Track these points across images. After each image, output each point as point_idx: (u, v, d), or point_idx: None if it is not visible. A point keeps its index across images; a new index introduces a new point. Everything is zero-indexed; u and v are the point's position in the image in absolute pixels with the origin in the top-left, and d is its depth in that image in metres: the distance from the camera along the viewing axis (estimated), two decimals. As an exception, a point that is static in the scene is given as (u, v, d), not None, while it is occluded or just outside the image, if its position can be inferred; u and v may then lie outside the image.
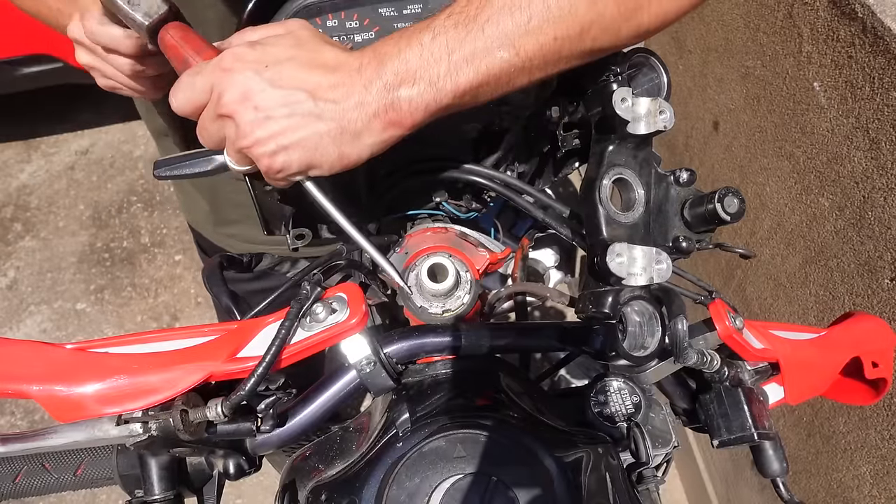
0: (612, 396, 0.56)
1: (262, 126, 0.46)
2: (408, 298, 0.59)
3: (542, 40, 0.47)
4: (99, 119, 2.80)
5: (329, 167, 0.48)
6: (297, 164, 0.48)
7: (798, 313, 1.17)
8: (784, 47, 1.10)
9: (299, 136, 0.46)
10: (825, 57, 1.00)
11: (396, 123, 0.47)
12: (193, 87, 0.48)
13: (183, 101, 0.48)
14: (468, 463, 0.46)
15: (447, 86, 0.46)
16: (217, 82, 0.46)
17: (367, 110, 0.46)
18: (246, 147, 0.47)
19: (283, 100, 0.46)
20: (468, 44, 0.46)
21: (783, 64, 1.11)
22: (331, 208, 0.52)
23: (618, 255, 0.46)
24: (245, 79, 0.46)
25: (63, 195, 2.60)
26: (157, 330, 0.49)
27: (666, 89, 0.60)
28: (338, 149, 0.47)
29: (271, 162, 0.47)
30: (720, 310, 0.53)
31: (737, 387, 0.56)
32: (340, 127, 0.46)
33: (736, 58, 1.26)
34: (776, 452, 0.57)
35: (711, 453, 1.63)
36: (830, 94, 1.00)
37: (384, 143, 0.48)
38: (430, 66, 0.46)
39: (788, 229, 1.16)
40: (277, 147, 0.47)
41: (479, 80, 0.47)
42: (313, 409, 0.51)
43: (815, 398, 0.65)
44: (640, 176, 0.52)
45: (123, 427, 0.43)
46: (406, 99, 0.46)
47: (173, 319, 2.25)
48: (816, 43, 1.01)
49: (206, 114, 0.48)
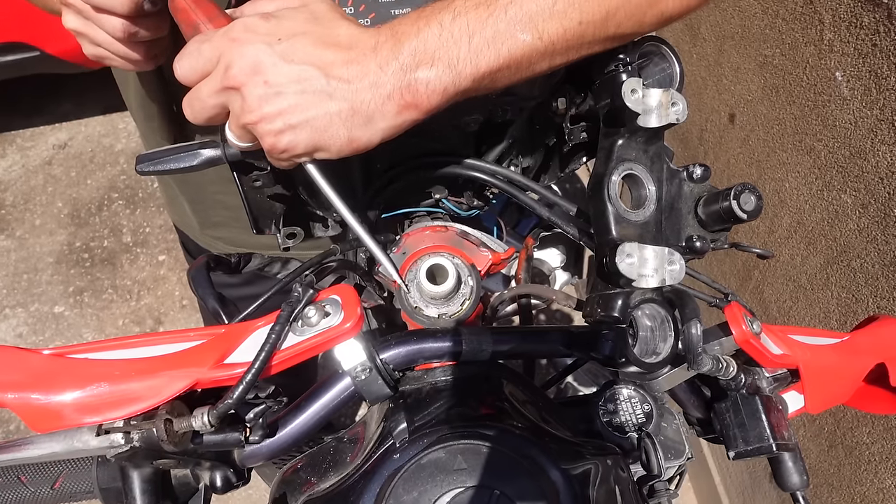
0: (621, 405, 0.56)
1: (271, 102, 0.46)
2: (406, 301, 0.59)
3: (566, 24, 0.48)
4: (78, 111, 2.80)
5: (337, 150, 0.48)
6: (303, 144, 0.48)
7: (819, 317, 1.17)
8: (804, 35, 1.10)
9: (309, 115, 0.46)
10: (848, 45, 1.00)
11: (412, 106, 0.47)
12: (200, 54, 0.47)
13: (188, 69, 0.48)
14: (469, 475, 0.46)
15: (466, 69, 0.46)
16: (225, 52, 0.46)
17: (381, 91, 0.46)
18: (251, 123, 0.47)
19: (295, 75, 0.46)
20: (490, 26, 0.46)
21: (803, 52, 1.11)
22: (330, 192, 0.52)
23: (628, 256, 0.46)
24: (256, 51, 0.46)
25: (40, 191, 2.60)
26: (140, 334, 0.49)
27: (678, 80, 0.60)
28: (348, 131, 0.47)
29: (276, 140, 0.47)
30: (736, 313, 0.53)
31: (754, 395, 0.56)
32: (352, 108, 0.46)
33: (753, 46, 1.26)
34: (796, 464, 0.57)
35: (727, 465, 1.63)
36: (853, 84, 1.00)
37: (397, 128, 0.48)
38: (450, 47, 0.46)
39: (809, 228, 1.16)
40: (285, 125, 0.47)
41: (500, 63, 0.47)
42: (305, 418, 0.51)
43: (837, 407, 0.65)
44: (652, 172, 0.52)
45: (104, 437, 0.43)
46: (423, 81, 0.46)
47: (157, 323, 2.25)
48: (839, 30, 1.01)
49: (209, 85, 0.48)
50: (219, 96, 0.48)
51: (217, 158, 0.57)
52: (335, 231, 0.74)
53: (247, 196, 0.63)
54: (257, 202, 0.64)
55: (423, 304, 0.59)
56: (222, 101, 0.48)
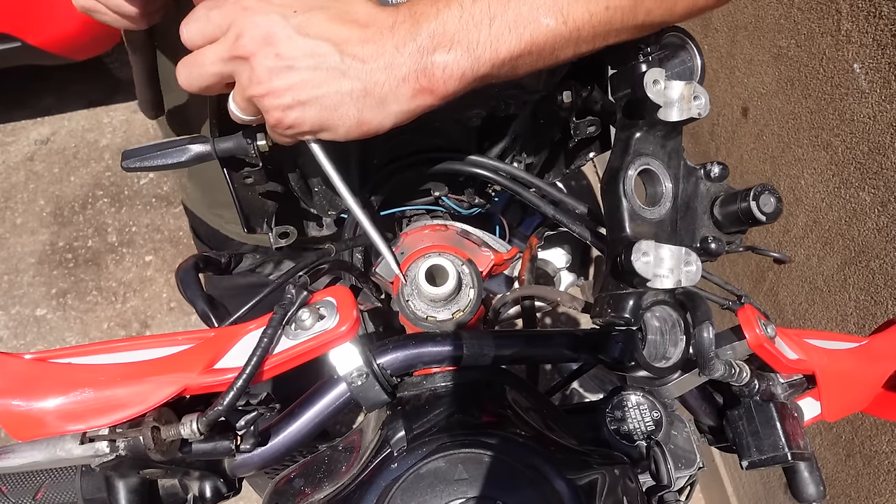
0: (630, 412, 0.56)
1: (282, 75, 0.46)
2: (404, 303, 0.59)
3: (592, 8, 0.47)
4: (61, 105, 2.80)
5: (345, 132, 0.49)
6: (310, 122, 0.48)
7: (836, 320, 1.17)
8: (821, 25, 1.10)
9: (320, 93, 0.46)
10: (866, 36, 1.00)
11: (427, 91, 0.47)
12: (209, 20, 0.47)
13: (195, 34, 0.48)
14: (470, 486, 0.46)
15: (486, 53, 0.46)
16: (237, 20, 0.46)
17: (396, 73, 0.46)
18: (258, 95, 0.47)
19: (308, 50, 0.46)
20: (512, 8, 0.46)
21: (820, 43, 1.11)
22: (331, 171, 0.52)
23: (644, 254, 0.46)
24: (269, 21, 0.46)
25: (21, 189, 2.60)
26: (126, 338, 0.49)
27: (700, 73, 0.60)
28: (359, 112, 0.47)
29: (283, 116, 0.48)
30: (750, 316, 0.53)
31: (768, 402, 0.56)
32: (365, 89, 0.46)
33: (767, 36, 1.26)
34: (812, 475, 0.57)
35: (740, 475, 1.63)
36: (872, 76, 1.00)
37: (410, 113, 0.48)
38: (470, 30, 0.46)
39: (825, 227, 1.16)
40: (293, 101, 0.47)
41: (521, 49, 0.47)
42: (299, 426, 0.51)
43: (854, 414, 0.65)
44: (669, 168, 0.52)
45: (88, 446, 0.43)
46: (441, 65, 0.46)
47: (143, 327, 2.25)
48: (856, 20, 1.01)
49: (214, 51, 0.47)
50: (224, 65, 0.47)
51: (206, 154, 0.57)
52: (330, 230, 0.74)
53: (237, 193, 0.63)
54: (248, 200, 0.64)
55: (422, 306, 0.59)
56: (227, 70, 0.48)
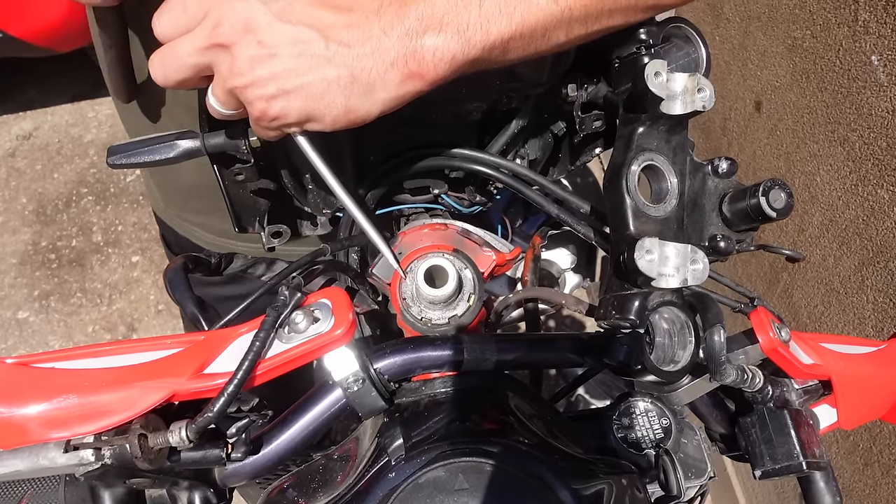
0: (638, 419, 0.56)
1: (264, 64, 0.46)
2: (402, 305, 0.59)
3: None
4: (44, 99, 2.80)
5: (332, 120, 0.49)
6: (296, 112, 0.48)
7: (853, 323, 1.17)
8: (837, 15, 1.10)
9: (304, 81, 0.46)
10: (885, 26, 1.00)
11: (417, 76, 0.47)
12: (185, 10, 0.47)
13: (168, 25, 0.48)
14: (472, 496, 0.46)
15: (476, 36, 0.47)
16: (214, 8, 0.46)
17: (384, 58, 0.46)
18: (240, 86, 0.47)
19: (291, 36, 0.46)
20: None
21: (836, 34, 1.11)
22: (321, 165, 0.52)
23: (647, 252, 0.46)
24: (249, 7, 0.46)
25: (2, 186, 2.60)
26: (112, 342, 0.49)
27: (705, 64, 0.60)
28: (346, 100, 0.47)
29: (267, 107, 0.47)
30: (763, 319, 0.53)
31: (782, 408, 0.56)
32: (352, 75, 0.46)
33: (781, 27, 1.26)
34: (828, 484, 0.57)
35: (753, 485, 1.63)
36: (891, 68, 1.00)
37: (399, 99, 0.48)
38: (459, 12, 0.46)
39: (842, 226, 1.16)
40: (278, 90, 0.47)
41: (513, 31, 0.47)
42: (292, 433, 0.51)
43: (872, 422, 0.65)
44: (674, 164, 0.52)
45: (72, 454, 0.43)
46: (430, 48, 0.46)
47: (130, 330, 2.25)
48: (875, 10, 1.01)
49: (191, 41, 0.47)
50: (202, 55, 0.47)
51: (196, 150, 0.57)
52: (325, 229, 0.74)
53: (228, 191, 0.63)
54: (240, 198, 0.64)
55: (421, 308, 0.59)
56: (205, 60, 0.47)
